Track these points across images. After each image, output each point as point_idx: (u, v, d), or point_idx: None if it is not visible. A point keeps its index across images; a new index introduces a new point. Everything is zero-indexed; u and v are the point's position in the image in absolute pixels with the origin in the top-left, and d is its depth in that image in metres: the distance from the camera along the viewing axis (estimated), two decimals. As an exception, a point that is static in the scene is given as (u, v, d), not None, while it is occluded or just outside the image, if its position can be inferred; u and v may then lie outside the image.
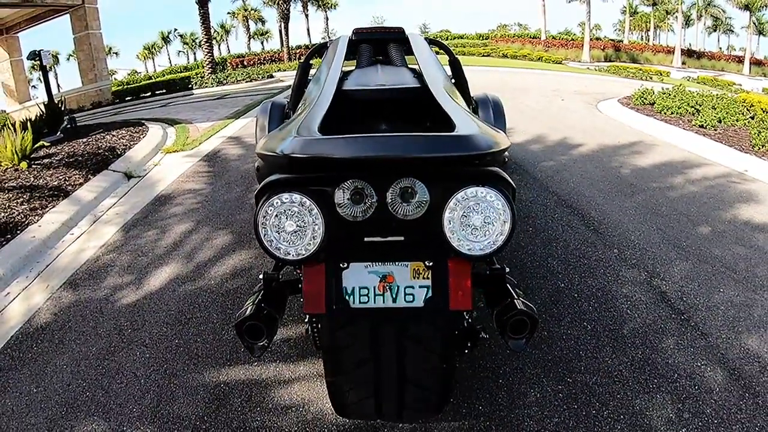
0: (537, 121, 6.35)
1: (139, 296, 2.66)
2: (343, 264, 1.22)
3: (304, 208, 1.13)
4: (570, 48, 28.55)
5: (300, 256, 1.15)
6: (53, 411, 1.92)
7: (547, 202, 3.60)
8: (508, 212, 1.14)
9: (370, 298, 1.20)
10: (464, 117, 1.35)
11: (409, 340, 1.26)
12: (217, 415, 1.79)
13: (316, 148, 1.14)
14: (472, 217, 1.13)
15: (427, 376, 1.29)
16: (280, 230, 1.15)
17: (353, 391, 1.33)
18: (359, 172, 1.14)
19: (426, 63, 1.98)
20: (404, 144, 1.10)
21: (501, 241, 1.15)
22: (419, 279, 1.20)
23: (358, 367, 1.29)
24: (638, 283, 2.50)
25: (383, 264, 1.21)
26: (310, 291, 1.22)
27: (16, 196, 3.87)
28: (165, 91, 17.04)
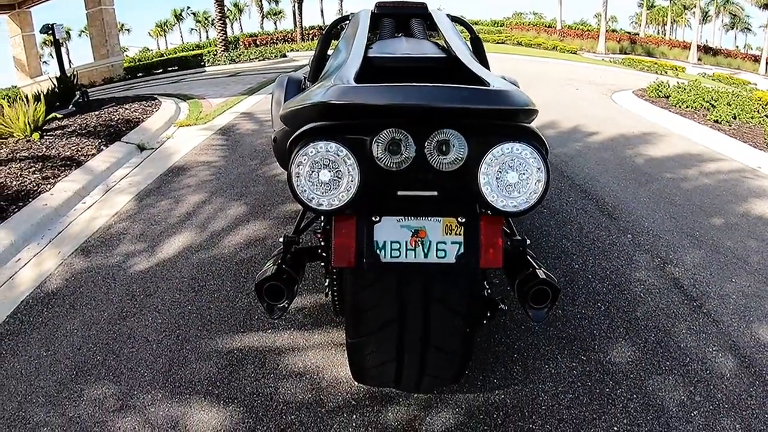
0: (551, 108, 6.28)
1: (151, 263, 2.66)
2: (376, 217, 1.20)
3: (339, 157, 1.11)
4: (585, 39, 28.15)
5: (333, 207, 1.13)
6: (63, 374, 1.91)
7: (561, 186, 3.57)
8: (543, 170, 1.12)
9: (402, 252, 1.18)
10: (497, 79, 1.33)
11: (435, 301, 1.25)
12: (229, 380, 1.80)
13: (354, 95, 1.12)
14: (508, 173, 1.12)
15: (450, 340, 1.28)
16: (313, 180, 1.13)
17: (374, 354, 1.32)
18: (397, 120, 1.12)
19: (451, 37, 1.94)
20: (444, 94, 1.08)
21: (535, 198, 1.13)
22: (451, 235, 1.19)
23: (381, 328, 1.28)
24: (651, 268, 2.48)
25: (416, 219, 1.19)
26: (341, 244, 1.20)
27: (28, 165, 3.87)
28: (177, 68, 16.95)
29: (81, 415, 1.71)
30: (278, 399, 1.69)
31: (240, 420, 1.63)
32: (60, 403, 1.77)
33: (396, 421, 1.58)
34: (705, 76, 14.96)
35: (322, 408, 1.64)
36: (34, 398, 1.81)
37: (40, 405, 1.78)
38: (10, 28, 12.72)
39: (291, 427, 1.58)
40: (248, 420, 1.63)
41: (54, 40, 6.44)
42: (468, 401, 1.65)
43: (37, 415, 1.73)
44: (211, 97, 7.62)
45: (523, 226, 2.91)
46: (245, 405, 1.68)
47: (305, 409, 1.64)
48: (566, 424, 1.57)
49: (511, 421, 1.58)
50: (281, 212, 3.18)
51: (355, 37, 1.87)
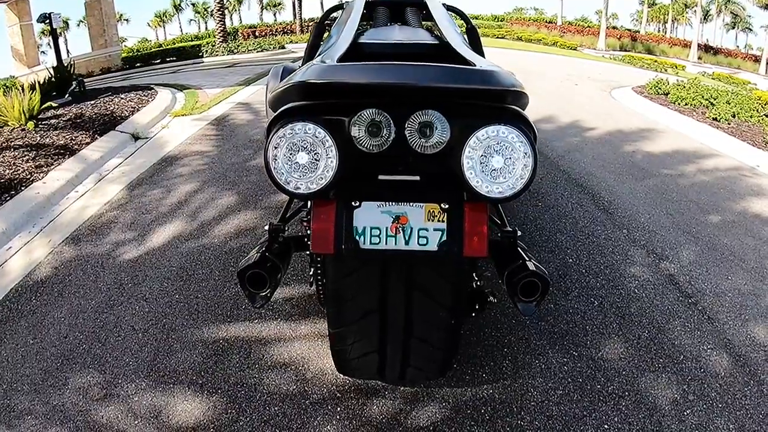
0: (550, 103, 6.24)
1: (140, 252, 2.63)
2: (355, 202, 1.16)
3: (317, 138, 1.07)
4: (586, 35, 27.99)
5: (311, 191, 1.10)
6: (49, 362, 1.89)
7: (557, 180, 3.54)
8: (531, 155, 1.07)
9: (382, 239, 1.14)
10: (484, 60, 1.29)
11: (417, 291, 1.21)
12: (214, 370, 1.77)
13: (332, 74, 1.08)
14: (493, 158, 1.07)
15: (434, 332, 1.24)
16: (291, 162, 1.09)
17: (356, 345, 1.29)
18: (377, 101, 1.08)
19: (445, 25, 1.90)
20: (425, 73, 1.04)
21: (521, 184, 1.08)
22: (434, 222, 1.14)
23: (363, 318, 1.25)
24: (646, 264, 2.45)
25: (397, 204, 1.14)
26: (319, 229, 1.16)
27: (22, 154, 3.83)
28: (175, 58, 16.85)
29: (65, 403, 1.69)
30: (262, 390, 1.67)
31: (223, 410, 1.60)
32: (45, 391, 1.76)
33: (381, 414, 1.55)
34: (705, 74, 14.89)
35: (306, 400, 1.61)
36: (20, 386, 1.79)
37: (26, 393, 1.76)
38: (7, 17, 12.60)
39: (274, 418, 1.56)
40: (231, 411, 1.60)
41: (51, 30, 6.38)
42: (455, 395, 1.62)
43: (22, 403, 1.72)
44: (207, 87, 7.57)
45: (517, 219, 2.88)
46: (229, 395, 1.66)
47: (289, 400, 1.62)
48: (555, 421, 1.55)
49: (499, 416, 1.55)
50: (273, 202, 3.14)
51: (346, 24, 1.83)
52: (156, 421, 1.60)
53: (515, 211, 2.99)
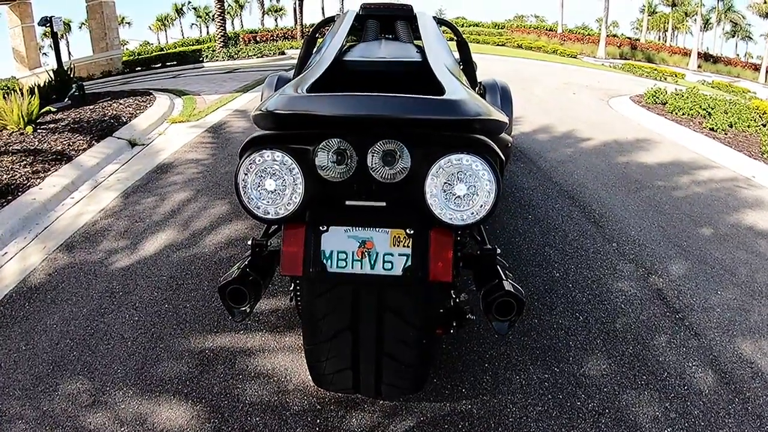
0: (546, 112, 6.27)
1: (132, 260, 2.66)
2: (323, 227, 1.19)
3: (284, 166, 1.11)
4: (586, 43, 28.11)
5: (279, 216, 1.14)
6: (40, 369, 1.93)
7: (549, 192, 3.57)
8: (494, 182, 1.10)
9: (348, 263, 1.18)
10: (456, 86, 1.31)
11: (388, 311, 1.23)
12: (199, 380, 1.79)
13: (297, 104, 1.13)
14: (456, 186, 1.10)
15: (405, 351, 1.26)
16: (260, 188, 1.13)
17: (330, 362, 1.31)
18: (341, 131, 1.11)
19: (430, 40, 1.93)
20: (386, 104, 1.07)
21: (484, 212, 1.12)
22: (399, 247, 1.17)
23: (335, 336, 1.27)
24: (635, 278, 2.47)
25: (363, 229, 1.18)
26: (289, 252, 1.20)
27: (19, 159, 3.86)
28: (176, 63, 16.94)
29: (54, 409, 1.73)
30: (245, 400, 1.69)
31: (206, 419, 1.63)
32: (35, 396, 1.79)
33: (359, 427, 1.57)
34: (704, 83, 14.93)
35: (287, 411, 1.63)
36: (12, 391, 1.83)
37: (17, 398, 1.79)
38: (9, 18, 12.68)
39: (255, 428, 1.58)
40: (214, 420, 1.62)
41: (52, 33, 6.43)
42: (434, 409, 1.64)
43: (13, 407, 1.75)
44: (206, 93, 7.62)
45: (506, 232, 2.91)
46: (212, 405, 1.68)
47: (270, 411, 1.64)
48: (533, 437, 1.56)
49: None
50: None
51: (333, 39, 1.87)
52: (141, 429, 1.62)
53: (504, 224, 3.02)
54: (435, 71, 1.46)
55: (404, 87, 1.72)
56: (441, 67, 1.52)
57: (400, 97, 1.09)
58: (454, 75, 1.55)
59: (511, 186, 3.66)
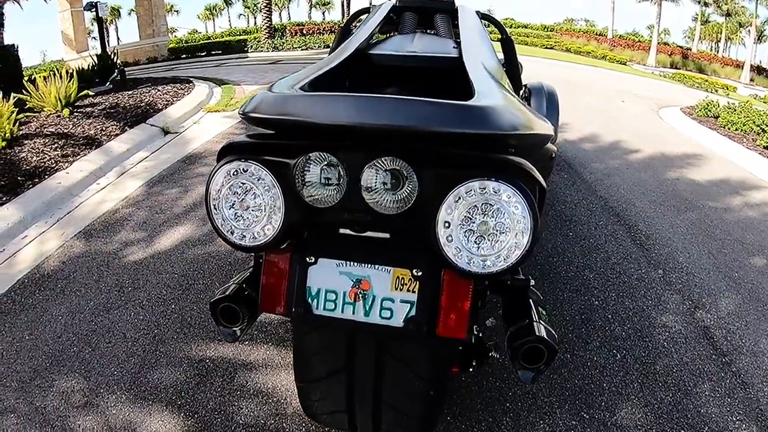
0: (594, 120, 5.95)
1: (146, 254, 2.59)
2: (311, 258, 0.97)
3: (259, 182, 0.91)
4: (636, 49, 26.95)
5: (256, 243, 0.93)
6: (39, 361, 1.87)
7: (593, 207, 3.31)
8: (529, 219, 0.84)
9: (338, 306, 0.96)
10: (491, 87, 1.05)
11: (389, 356, 1.04)
12: (195, 392, 1.68)
13: (272, 106, 0.90)
14: (477, 221, 0.85)
15: (408, 402, 1.07)
16: (234, 207, 0.93)
17: (322, 402, 1.15)
18: (328, 142, 0.89)
19: (470, 35, 1.71)
20: (388, 109, 0.82)
21: (514, 257, 0.85)
22: (402, 291, 0.93)
23: (328, 376, 1.10)
24: (680, 312, 2.22)
25: (360, 265, 0.95)
26: (269, 285, 1.00)
27: (51, 141, 3.88)
28: (221, 52, 17.15)
29: (47, 406, 1.67)
30: (239, 420, 1.56)
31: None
32: (30, 390, 1.74)
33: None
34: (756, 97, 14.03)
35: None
36: (9, 382, 1.78)
37: (12, 390, 1.75)
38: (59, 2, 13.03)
39: None
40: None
41: (97, 18, 6.53)
42: (445, 452, 1.47)
43: (8, 399, 1.71)
44: (246, 83, 7.60)
45: (543, 250, 2.68)
46: (204, 422, 1.56)
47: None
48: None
49: (491, 480, 1.39)
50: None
51: (359, 32, 1.71)
52: None
53: (543, 240, 2.79)
54: (468, 69, 1.19)
55: (433, 85, 1.53)
56: (476, 65, 1.27)
57: (409, 100, 0.84)
58: (492, 74, 1.30)
59: (553, 198, 3.43)
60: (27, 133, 4.01)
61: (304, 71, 1.22)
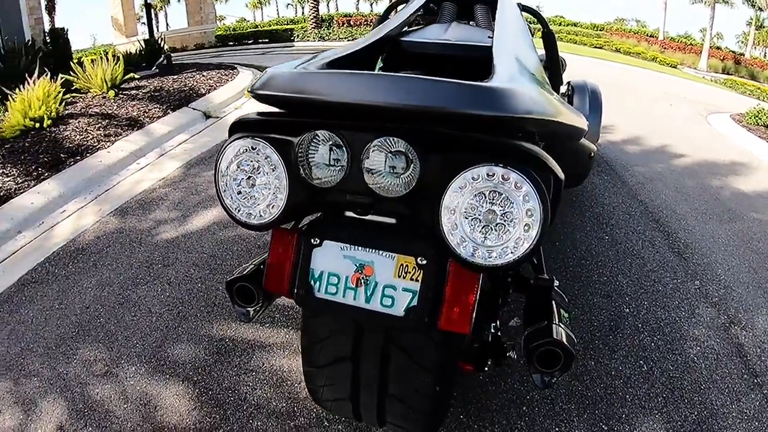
0: (639, 122, 5.72)
1: (178, 233, 2.65)
2: (315, 239, 0.96)
3: (265, 159, 0.90)
4: (687, 53, 25.69)
5: (262, 221, 0.92)
6: (65, 330, 1.94)
7: (632, 212, 3.18)
8: (539, 211, 0.79)
9: (339, 289, 0.93)
10: (512, 71, 0.98)
11: (395, 347, 1.01)
12: (212, 369, 1.71)
13: (276, 83, 0.89)
14: (483, 210, 0.80)
15: (413, 396, 1.04)
16: (239, 184, 0.93)
17: (328, 389, 1.14)
18: (330, 121, 0.87)
19: (505, 25, 1.64)
20: (389, 86, 0.80)
21: (522, 250, 0.80)
22: (405, 280, 0.90)
23: (333, 363, 1.09)
24: (714, 327, 2.10)
25: (364, 250, 0.93)
26: (274, 264, 1.00)
27: (95, 121, 4.03)
28: (267, 40, 17.40)
29: (68, 372, 1.73)
30: (252, 401, 1.58)
31: (207, 414, 1.53)
32: (55, 357, 1.81)
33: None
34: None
35: (291, 422, 1.49)
36: (35, 347, 1.86)
37: (38, 355, 1.83)
38: (109, -13, 13.51)
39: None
40: (215, 416, 1.53)
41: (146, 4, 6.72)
42: (453, 451, 1.43)
43: (33, 364, 1.79)
44: (287, 72, 7.67)
45: (577, 252, 2.59)
46: (217, 400, 1.59)
47: (275, 418, 1.51)
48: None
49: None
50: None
51: (391, 20, 1.68)
52: (142, 409, 1.57)
53: (576, 242, 2.70)
54: (495, 54, 1.12)
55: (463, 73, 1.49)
56: (505, 53, 1.20)
57: (412, 78, 0.82)
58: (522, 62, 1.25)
59: (591, 200, 3.32)
60: (72, 112, 4.17)
61: (326, 53, 1.21)
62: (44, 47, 7.13)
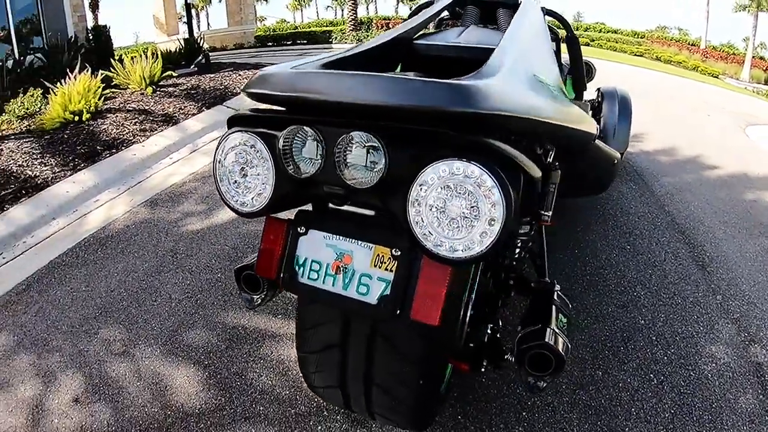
0: (675, 132, 5.57)
1: (204, 225, 2.75)
2: (302, 228, 1.02)
3: (256, 152, 0.96)
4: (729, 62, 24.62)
5: (253, 209, 0.99)
6: (89, 311, 2.06)
7: (657, 222, 3.11)
8: (502, 207, 0.80)
9: (320, 276, 0.99)
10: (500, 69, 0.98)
11: (380, 337, 1.04)
12: (222, 355, 1.78)
13: (261, 82, 0.95)
14: (449, 204, 0.83)
15: (397, 386, 1.07)
16: (234, 174, 0.99)
17: (318, 375, 1.18)
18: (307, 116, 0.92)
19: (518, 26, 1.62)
20: (357, 84, 0.84)
21: (484, 245, 0.82)
22: (380, 269, 0.94)
23: (323, 350, 1.13)
24: (733, 344, 2.03)
25: (345, 239, 0.98)
26: (265, 250, 1.06)
27: (132, 116, 4.20)
28: (306, 42, 17.66)
29: (89, 350, 1.85)
30: (257, 386, 1.64)
31: (213, 396, 1.60)
32: (77, 335, 1.93)
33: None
34: None
35: (292, 409, 1.54)
36: (60, 325, 1.99)
37: (62, 332, 1.95)
38: (151, -13, 13.96)
39: (255, 417, 1.52)
40: (220, 398, 1.60)
41: (186, 4, 6.95)
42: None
43: (56, 340, 1.91)
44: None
45: (596, 261, 2.56)
46: (224, 384, 1.65)
47: (277, 404, 1.56)
48: None
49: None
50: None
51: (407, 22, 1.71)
52: (153, 388, 1.65)
53: (597, 251, 2.66)
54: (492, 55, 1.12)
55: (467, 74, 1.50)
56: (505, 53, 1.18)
57: (380, 76, 0.85)
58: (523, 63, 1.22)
59: (616, 209, 3.26)
60: (111, 107, 4.37)
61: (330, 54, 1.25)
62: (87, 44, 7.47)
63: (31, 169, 3.20)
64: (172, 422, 1.52)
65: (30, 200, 2.89)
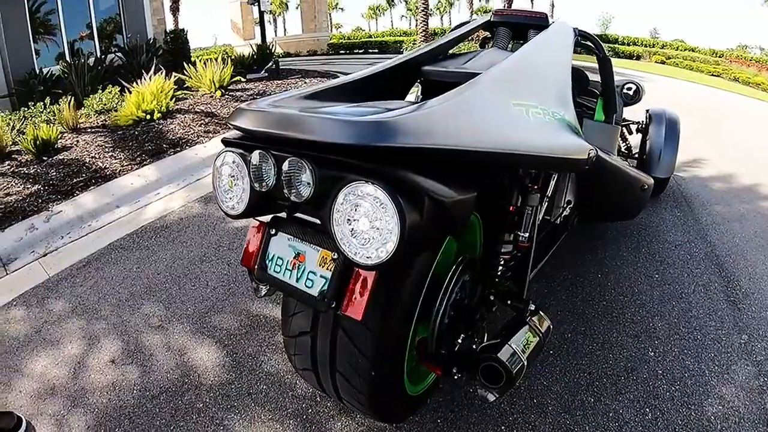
0: (737, 158, 5.25)
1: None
2: (273, 230, 1.24)
3: (236, 166, 1.17)
4: None
5: (237, 212, 1.20)
6: (136, 288, 2.36)
7: (695, 252, 2.99)
8: (396, 222, 0.96)
9: (282, 269, 1.20)
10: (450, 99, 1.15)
11: (340, 330, 1.22)
12: (241, 338, 2.00)
13: (234, 116, 1.19)
14: (358, 218, 1.00)
15: (355, 377, 1.22)
16: (224, 183, 1.21)
17: (296, 358, 1.36)
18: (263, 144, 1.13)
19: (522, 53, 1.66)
20: (297, 123, 1.04)
21: (384, 255, 0.98)
22: (323, 268, 1.14)
23: (298, 335, 1.31)
24: (748, 388, 1.93)
25: (301, 242, 1.19)
26: (248, 246, 1.28)
27: (199, 118, 4.60)
28: (377, 51, 18.12)
29: (130, 320, 2.15)
30: (265, 369, 1.84)
31: (226, 371, 1.83)
32: (122, 306, 2.24)
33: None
34: None
35: (290, 391, 1.72)
36: (109, 298, 2.31)
37: (109, 305, 2.27)
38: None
39: (257, 394, 1.72)
40: (230, 374, 1.82)
41: (259, 12, 7.41)
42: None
43: (103, 310, 2.23)
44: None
45: (618, 288, 2.53)
46: (238, 363, 1.87)
47: (278, 386, 1.75)
48: None
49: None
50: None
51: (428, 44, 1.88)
52: (178, 359, 1.90)
53: (620, 277, 2.64)
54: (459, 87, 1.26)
55: None
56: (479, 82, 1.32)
57: (311, 117, 1.05)
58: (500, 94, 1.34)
59: (652, 236, 3.18)
60: (180, 108, 4.79)
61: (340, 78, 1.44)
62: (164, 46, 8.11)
63: (102, 161, 3.61)
64: (186, 389, 1.75)
65: (98, 189, 3.29)
